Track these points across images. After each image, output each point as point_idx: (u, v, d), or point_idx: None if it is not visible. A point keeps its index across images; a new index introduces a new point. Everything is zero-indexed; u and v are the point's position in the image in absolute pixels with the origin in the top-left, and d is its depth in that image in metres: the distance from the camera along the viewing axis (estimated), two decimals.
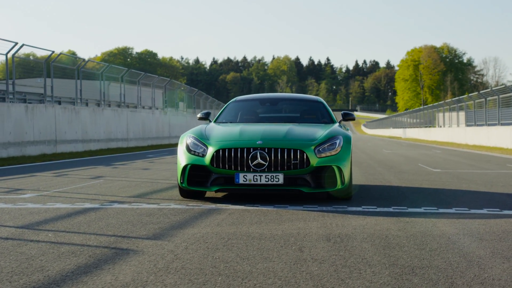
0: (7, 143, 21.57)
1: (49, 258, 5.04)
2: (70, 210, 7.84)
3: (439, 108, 52.15)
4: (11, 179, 12.53)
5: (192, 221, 7.01)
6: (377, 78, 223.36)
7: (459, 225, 6.90)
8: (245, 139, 8.79)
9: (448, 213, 7.85)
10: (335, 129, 9.43)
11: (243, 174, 8.55)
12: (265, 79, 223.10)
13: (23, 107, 22.83)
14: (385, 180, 12.76)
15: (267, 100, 10.99)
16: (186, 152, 8.95)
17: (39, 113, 23.87)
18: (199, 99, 53.41)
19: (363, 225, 6.81)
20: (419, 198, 9.50)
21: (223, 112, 10.74)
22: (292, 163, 8.60)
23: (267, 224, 6.85)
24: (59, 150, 25.28)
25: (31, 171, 14.81)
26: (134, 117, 34.18)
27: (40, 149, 23.82)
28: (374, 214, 7.75)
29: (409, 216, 7.59)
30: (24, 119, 22.76)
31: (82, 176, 13.28)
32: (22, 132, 22.61)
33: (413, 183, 12.16)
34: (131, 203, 8.54)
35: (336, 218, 7.37)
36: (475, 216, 7.64)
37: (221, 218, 7.22)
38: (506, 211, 8.07)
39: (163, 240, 5.83)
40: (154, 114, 37.96)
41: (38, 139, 23.72)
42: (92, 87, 31.92)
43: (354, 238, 6.05)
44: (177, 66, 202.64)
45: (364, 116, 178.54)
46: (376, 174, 14.41)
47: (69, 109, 26.50)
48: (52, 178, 12.87)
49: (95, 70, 31.29)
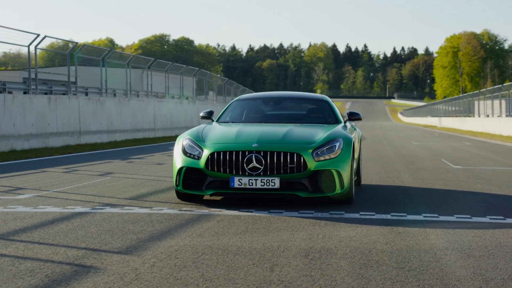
0: (29, 134, 21.63)
1: (2, 278, 4.86)
2: (57, 215, 7.69)
3: (479, 96, 50.82)
4: (19, 176, 12.47)
5: (175, 230, 6.80)
6: (415, 65, 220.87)
7: (452, 237, 6.58)
8: (241, 142, 8.55)
9: (447, 222, 7.53)
10: (336, 131, 9.12)
11: (238, 178, 8.32)
12: (302, 66, 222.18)
13: (46, 99, 22.86)
14: (398, 179, 12.42)
15: (270, 99, 10.71)
16: (182, 154, 8.75)
17: (62, 104, 23.90)
18: (229, 88, 53.21)
19: (351, 237, 6.53)
20: (423, 202, 9.17)
21: (226, 111, 10.50)
22: (289, 167, 8.34)
23: (251, 234, 6.61)
24: (83, 141, 25.31)
25: (44, 166, 14.76)
26: (161, 106, 34.12)
27: (64, 140, 23.86)
28: (369, 222, 7.45)
29: (404, 225, 7.28)
30: (47, 110, 22.79)
31: (91, 173, 13.18)
32: (44, 123, 22.65)
33: (426, 183, 11.79)
34: (123, 207, 8.37)
35: (327, 227, 7.10)
36: (474, 225, 7.30)
37: (207, 227, 7.00)
38: (509, 220, 7.71)
39: (134, 254, 5.62)
40: (183, 103, 37.87)
41: (62, 130, 23.76)
42: (118, 77, 31.88)
43: (335, 253, 5.78)
44: (214, 53, 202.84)
45: (401, 103, 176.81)
46: (392, 171, 14.05)
47: (93, 100, 26.51)
48: (60, 174, 12.78)
49: (121, 61, 31.24)
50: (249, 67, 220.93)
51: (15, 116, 20.86)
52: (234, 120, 10.18)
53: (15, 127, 20.83)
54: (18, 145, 20.91)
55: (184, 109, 37.94)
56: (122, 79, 31.79)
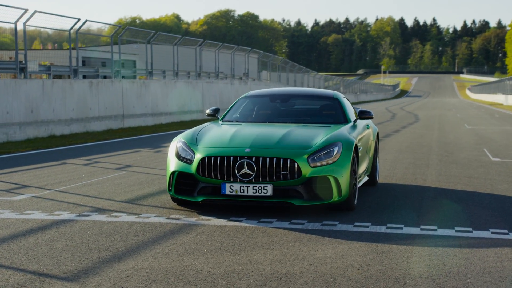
0: (69, 119, 21.70)
1: None
2: (37, 224, 7.47)
3: None
4: (35, 170, 12.39)
5: (144, 246, 6.50)
6: (486, 38, 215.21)
7: (435, 260, 6.08)
8: (233, 146, 8.19)
9: (442, 237, 7.02)
10: (338, 133, 8.64)
11: (230, 185, 7.97)
12: (368, 41, 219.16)
13: (87, 83, 22.88)
14: (422, 177, 11.83)
15: (277, 97, 10.25)
16: (175, 157, 8.44)
17: (105, 88, 23.90)
18: (284, 67, 52.64)
19: (325, 258, 6.11)
20: (431, 210, 8.63)
21: (232, 109, 10.12)
22: (282, 173, 7.94)
23: (221, 253, 6.25)
24: (127, 124, 25.32)
25: (68, 157, 14.69)
26: (210, 88, 33.91)
27: (106, 124, 23.90)
28: (357, 237, 7.00)
29: (393, 241, 6.81)
30: (88, 95, 22.81)
31: (110, 165, 13.00)
32: (86, 108, 22.69)
33: (449, 182, 11.20)
34: (111, 214, 8.11)
35: (308, 243, 6.69)
36: (469, 243, 6.77)
37: (181, 242, 6.68)
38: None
39: (77, 282, 5.33)
40: (233, 84, 37.59)
41: (104, 114, 23.78)
42: (167, 58, 31.76)
43: (295, 282, 5.37)
44: (278, 29, 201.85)
45: (471, 79, 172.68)
46: (421, 166, 13.44)
47: (138, 83, 26.46)
48: (77, 168, 12.66)
49: (167, 43, 31.10)
50: (314, 42, 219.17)
51: (55, 101, 20.93)
52: (238, 119, 9.79)
53: (54, 112, 20.91)
54: (58, 131, 21.01)
55: (235, 89, 37.66)
56: (169, 61, 31.67)
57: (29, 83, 19.84)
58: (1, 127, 18.52)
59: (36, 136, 19.90)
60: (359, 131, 9.53)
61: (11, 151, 15.76)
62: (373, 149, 10.55)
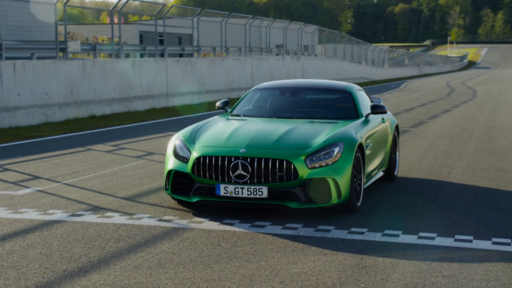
0: (110, 99, 21.74)
1: None
2: (22, 226, 7.36)
3: None
4: (53, 157, 12.36)
5: (118, 256, 6.29)
6: None
7: (417, 278, 5.70)
8: (229, 146, 7.92)
9: (436, 248, 6.63)
10: (342, 131, 8.25)
11: (224, 186, 7.72)
12: (436, 11, 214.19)
13: (130, 62, 22.85)
14: (448, 169, 11.33)
15: (288, 90, 9.87)
16: (173, 155, 8.24)
17: (148, 67, 23.83)
18: (341, 40, 51.76)
19: (302, 273, 5.80)
20: (439, 213, 8.19)
21: (241, 102, 9.83)
22: (278, 175, 7.63)
23: (193, 267, 6.00)
24: (171, 103, 25.25)
25: (95, 142, 14.65)
26: (260, 65, 33.56)
27: (149, 103, 23.87)
28: (347, 247, 6.65)
29: (381, 253, 6.45)
30: (130, 74, 22.79)
31: (132, 153, 12.88)
32: (128, 87, 22.68)
33: (474, 176, 10.69)
34: (105, 213, 7.95)
35: (291, 254, 6.38)
36: (462, 256, 6.35)
37: (158, 251, 6.46)
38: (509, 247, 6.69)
39: None
40: (285, 60, 37.13)
41: (147, 93, 23.75)
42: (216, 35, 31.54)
43: None
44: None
45: None
46: (451, 156, 12.90)
47: (183, 61, 26.32)
48: (98, 155, 12.59)
49: (213, 20, 30.84)
50: (380, 12, 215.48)
51: (95, 81, 20.97)
52: (245, 113, 9.49)
53: (95, 93, 20.96)
54: (99, 111, 21.08)
55: (287, 65, 37.20)
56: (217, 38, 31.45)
57: (69, 64, 19.91)
58: (40, 108, 18.66)
59: (76, 116, 20.00)
60: (370, 126, 9.12)
61: (43, 135, 15.84)
62: (390, 143, 10.11)
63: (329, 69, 45.42)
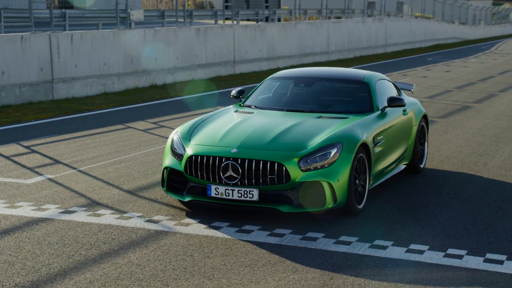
0: (173, 68, 21.64)
1: None
2: (8, 225, 7.23)
3: None
4: (85, 137, 12.33)
5: (80, 267, 6.12)
6: None
7: None
8: (222, 145, 7.62)
9: (422, 265, 6.16)
10: (345, 130, 7.77)
11: (215, 187, 7.45)
12: None
13: (194, 30, 22.65)
14: (485, 160, 10.65)
15: (302, 80, 9.37)
16: (170, 151, 8.03)
17: (214, 34, 23.56)
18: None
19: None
20: (444, 219, 7.63)
21: (255, 92, 9.44)
22: (269, 177, 7.28)
23: (151, 283, 5.77)
24: (238, 70, 24.98)
25: (138, 118, 14.55)
26: (337, 28, 32.72)
27: (215, 71, 23.67)
28: (323, 261, 6.27)
29: (357, 270, 6.04)
30: (195, 42, 22.59)
31: (167, 133, 12.59)
32: (191, 55, 22.51)
33: (510, 169, 9.94)
34: (97, 210, 7.81)
35: (260, 269, 6.06)
36: (446, 277, 5.86)
37: (125, 262, 6.25)
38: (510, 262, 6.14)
39: None
40: (365, 22, 36.05)
41: (212, 61, 23.53)
42: None
43: None
44: None
45: None
46: (500, 141, 12.14)
47: (251, 28, 25.91)
48: (132, 135, 12.48)
49: None
50: None
51: (157, 50, 20.90)
52: (257, 104, 9.10)
53: (156, 62, 20.92)
54: (160, 80, 21.04)
55: (367, 28, 36.12)
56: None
57: (129, 34, 19.90)
58: (98, 78, 18.77)
59: (136, 86, 20.04)
60: (385, 121, 8.57)
61: (91, 109, 15.88)
62: (415, 135, 9.50)
63: (416, 30, 43.89)
